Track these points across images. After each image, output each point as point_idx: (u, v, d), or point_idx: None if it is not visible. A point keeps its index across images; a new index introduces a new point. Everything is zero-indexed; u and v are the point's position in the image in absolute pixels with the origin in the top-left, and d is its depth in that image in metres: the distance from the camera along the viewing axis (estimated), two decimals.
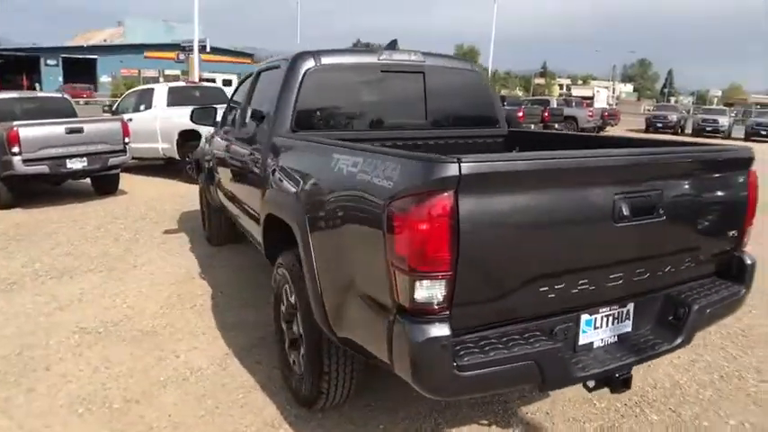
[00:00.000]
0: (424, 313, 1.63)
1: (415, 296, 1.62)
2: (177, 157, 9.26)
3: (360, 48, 3.40)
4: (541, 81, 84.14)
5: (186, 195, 8.10)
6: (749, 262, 2.31)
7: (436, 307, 1.63)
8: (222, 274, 4.66)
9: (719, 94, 70.15)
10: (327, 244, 2.11)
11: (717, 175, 2.17)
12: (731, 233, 2.24)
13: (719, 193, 2.16)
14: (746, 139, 22.45)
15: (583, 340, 1.95)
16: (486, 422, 2.59)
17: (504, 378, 1.72)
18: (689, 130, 26.44)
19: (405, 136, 3.29)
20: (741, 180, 2.22)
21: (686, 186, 2.05)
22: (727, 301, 2.21)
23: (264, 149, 3.09)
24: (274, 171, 2.79)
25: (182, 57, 29.60)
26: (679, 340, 2.06)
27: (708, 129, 24.48)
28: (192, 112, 4.65)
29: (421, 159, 1.66)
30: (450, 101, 3.53)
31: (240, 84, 4.62)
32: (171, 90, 9.75)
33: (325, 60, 3.11)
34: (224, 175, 4.40)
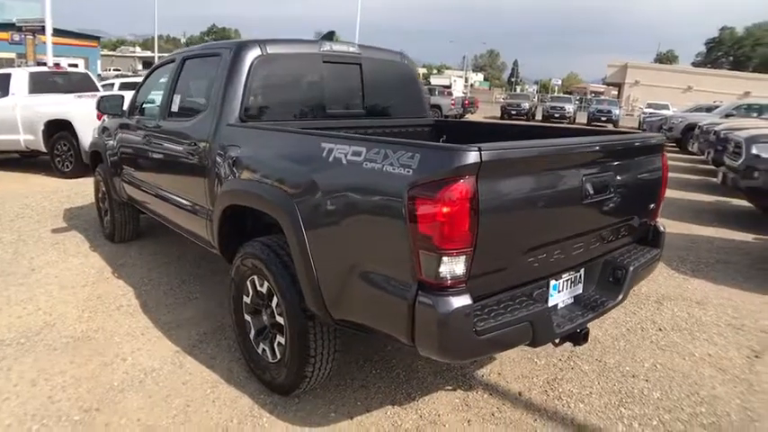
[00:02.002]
0: (447, 287, 1.84)
1: (440, 272, 1.81)
2: (44, 149, 8.27)
3: (300, 39, 3.41)
4: None
5: (59, 191, 7.35)
6: (662, 230, 2.86)
7: (458, 280, 1.84)
8: (137, 271, 4.40)
9: (560, 82, 78.40)
10: (325, 231, 2.19)
11: (644, 157, 2.65)
12: (651, 206, 2.75)
13: (645, 173, 2.63)
14: (588, 123, 25.67)
15: (551, 302, 2.29)
16: (450, 387, 2.87)
17: (508, 338, 1.99)
18: (539, 116, 29.44)
19: (346, 125, 3.41)
20: (658, 161, 2.73)
21: (626, 168, 2.48)
22: (650, 262, 2.72)
23: (210, 140, 3.02)
24: (234, 162, 2.76)
25: (16, 38, 25.69)
26: (620, 297, 2.51)
27: (556, 115, 27.49)
28: (99, 100, 4.27)
29: (443, 148, 1.85)
30: (384, 91, 3.71)
31: (151, 72, 4.34)
32: (33, 76, 8.61)
33: (271, 50, 3.11)
34: (139, 167, 4.15)
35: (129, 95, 4.51)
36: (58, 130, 8.05)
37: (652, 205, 2.79)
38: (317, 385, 2.67)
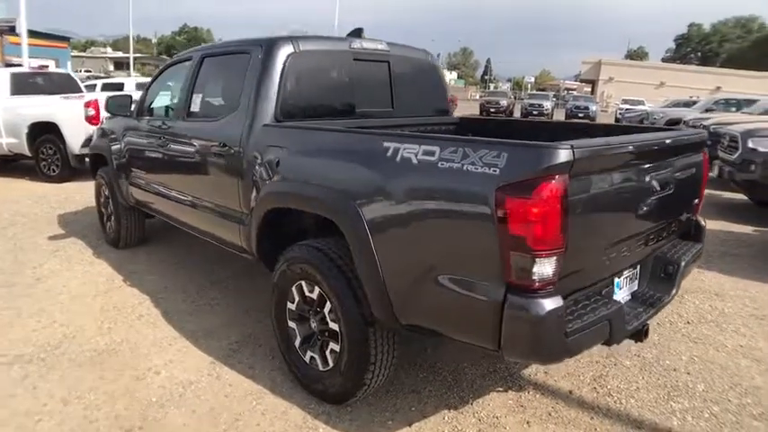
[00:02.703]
0: (537, 289, 1.78)
1: (533, 273, 1.75)
2: (28, 153, 7.93)
3: (331, 36, 3.32)
4: None
5: (48, 196, 7.05)
6: (703, 224, 2.87)
7: (548, 281, 1.78)
8: (149, 279, 4.23)
9: (533, 80, 79.36)
10: (394, 233, 2.10)
11: (692, 153, 2.65)
12: (695, 201, 2.75)
13: (693, 169, 2.63)
14: (566, 119, 26.05)
15: (615, 300, 2.27)
16: (501, 389, 2.82)
17: (591, 339, 1.95)
18: (517, 113, 29.70)
19: (378, 124, 3.33)
20: (700, 157, 2.74)
21: (680, 164, 2.47)
22: (696, 257, 2.72)
23: (243, 142, 2.90)
24: (277, 163, 2.65)
25: None
26: (674, 291, 2.50)
27: (534, 112, 27.77)
28: (108, 100, 4.09)
29: (533, 146, 1.78)
30: (412, 89, 3.64)
31: (162, 71, 4.17)
32: (14, 76, 8.22)
33: (303, 46, 3.01)
34: (152, 170, 3.98)
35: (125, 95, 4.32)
36: (43, 132, 7.72)
37: (696, 200, 2.80)
38: (372, 392, 2.59)
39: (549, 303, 1.78)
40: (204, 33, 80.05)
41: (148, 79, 13.64)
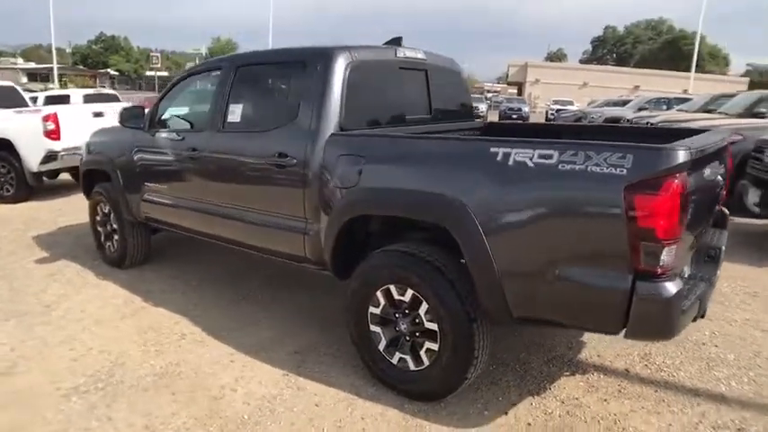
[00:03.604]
0: (662, 274, 1.99)
1: (661, 261, 1.96)
2: None
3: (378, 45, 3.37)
4: None
5: (9, 218, 6.55)
6: (727, 212, 3.23)
7: (669, 267, 2.00)
8: (171, 297, 4.07)
9: None
10: (512, 234, 2.23)
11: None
12: (723, 192, 3.10)
13: (725, 162, 2.96)
14: (500, 120, 27.17)
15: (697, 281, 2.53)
16: (568, 373, 3.01)
17: (691, 315, 2.19)
18: (493, 117, 30.40)
19: (423, 130, 3.43)
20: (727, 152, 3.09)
21: (723, 157, 2.78)
22: (726, 241, 3.06)
23: (309, 151, 2.90)
24: (359, 172, 2.69)
25: None
26: (718, 272, 2.80)
27: (513, 116, 28.37)
28: (122, 112, 3.90)
29: (656, 148, 1.98)
30: (445, 96, 3.78)
31: (176, 83, 4.03)
32: None
33: (359, 56, 3.06)
34: (178, 184, 3.84)
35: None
36: None
37: (723, 191, 3.15)
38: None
39: (674, 286, 2.00)
40: (122, 41, 75.81)
41: (98, 91, 12.85)
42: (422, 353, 2.62)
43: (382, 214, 2.70)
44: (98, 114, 7.71)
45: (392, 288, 2.65)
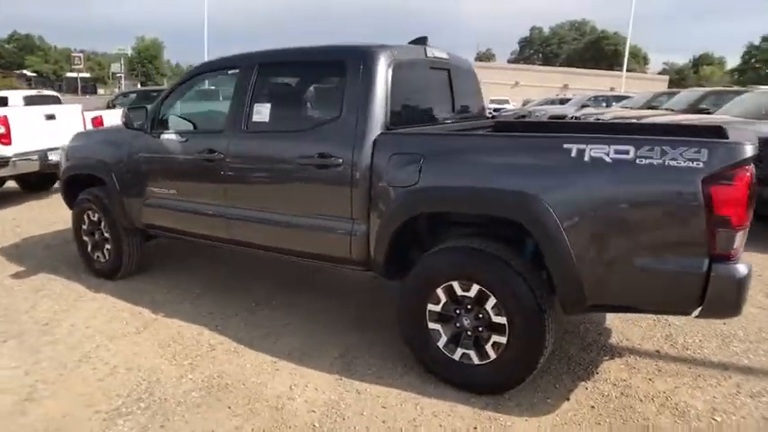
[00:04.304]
0: (733, 257, 2.17)
1: (734, 245, 2.14)
2: None
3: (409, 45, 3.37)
4: None
5: None
6: None
7: (738, 251, 2.19)
8: (181, 308, 3.85)
9: None
10: (590, 226, 2.32)
11: None
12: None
13: None
14: None
15: None
16: (607, 357, 3.16)
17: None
18: None
19: (450, 128, 3.48)
20: None
21: None
22: None
23: (356, 151, 2.86)
24: (419, 170, 2.68)
25: None
26: None
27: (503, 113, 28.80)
28: (127, 113, 3.63)
29: (728, 143, 2.16)
30: (464, 95, 3.84)
31: (181, 83, 3.81)
32: None
33: (398, 55, 3.05)
34: (197, 187, 3.64)
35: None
36: None
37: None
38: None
39: (744, 267, 2.19)
40: (36, 40, 70.33)
41: (40, 92, 11.81)
42: (487, 347, 2.66)
43: (448, 211, 2.72)
44: (50, 117, 7.14)
45: (455, 285, 2.68)
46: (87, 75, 49.02)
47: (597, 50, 65.77)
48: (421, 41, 3.45)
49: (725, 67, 70.46)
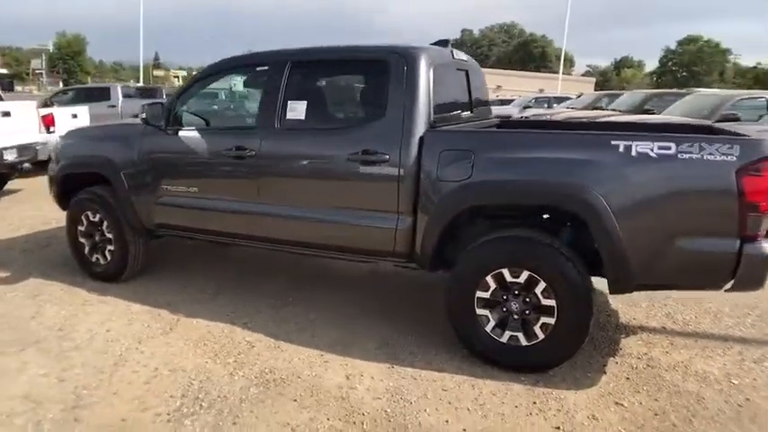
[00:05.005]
0: (760, 237, 2.50)
1: (761, 227, 2.47)
2: None
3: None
4: (161, 72, 79.82)
5: None
6: None
7: (763, 232, 2.52)
8: (201, 308, 3.76)
9: None
10: (637, 213, 2.59)
11: None
12: None
13: None
14: None
15: None
16: (623, 336, 3.46)
17: None
18: None
19: (471, 126, 3.66)
20: None
21: None
22: None
23: (403, 147, 2.98)
24: (471, 165, 2.84)
25: None
26: None
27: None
28: (147, 110, 3.51)
29: (756, 140, 2.49)
30: (478, 94, 4.04)
31: (200, 79, 3.73)
32: None
33: (435, 57, 3.20)
34: (224, 185, 3.60)
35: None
36: None
37: None
38: None
39: None
40: None
41: None
42: (536, 328, 2.86)
43: (502, 203, 2.89)
44: (6, 114, 6.66)
45: (505, 272, 2.86)
46: (5, 71, 45.12)
47: (526, 53, 68.84)
48: (443, 44, 3.61)
49: (644, 69, 75.97)
